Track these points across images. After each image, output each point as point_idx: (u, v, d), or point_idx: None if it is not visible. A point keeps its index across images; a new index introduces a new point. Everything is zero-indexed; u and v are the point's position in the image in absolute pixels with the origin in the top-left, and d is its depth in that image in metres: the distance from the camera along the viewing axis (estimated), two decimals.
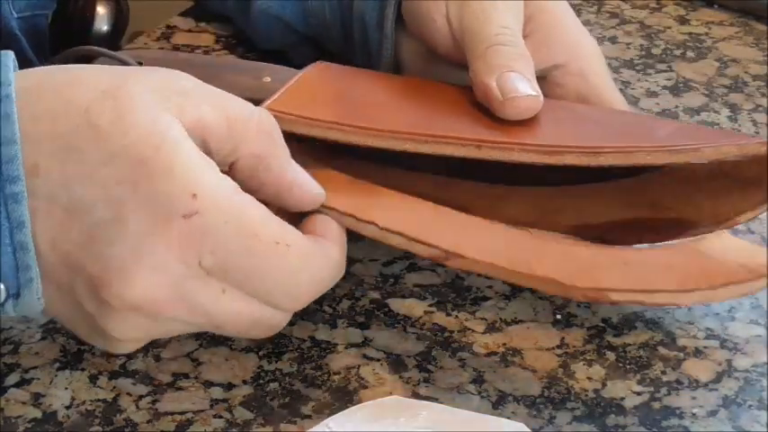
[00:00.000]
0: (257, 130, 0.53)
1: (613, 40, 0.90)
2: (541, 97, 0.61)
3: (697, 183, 0.61)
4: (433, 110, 0.63)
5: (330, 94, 0.63)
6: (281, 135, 0.55)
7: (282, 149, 0.55)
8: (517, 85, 0.61)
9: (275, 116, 0.56)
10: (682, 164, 0.59)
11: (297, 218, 0.56)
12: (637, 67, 0.86)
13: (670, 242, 0.61)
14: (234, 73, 0.65)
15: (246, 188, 0.52)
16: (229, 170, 0.53)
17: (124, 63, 0.66)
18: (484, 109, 0.62)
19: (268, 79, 0.66)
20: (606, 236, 0.62)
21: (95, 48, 0.74)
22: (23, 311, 0.51)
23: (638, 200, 0.62)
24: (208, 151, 0.52)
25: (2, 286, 0.50)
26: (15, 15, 0.85)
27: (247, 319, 0.53)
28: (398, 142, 0.59)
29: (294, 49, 0.81)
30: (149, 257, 0.50)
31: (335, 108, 0.61)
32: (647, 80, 0.85)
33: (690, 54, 0.88)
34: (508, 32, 0.64)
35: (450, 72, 0.67)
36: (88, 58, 0.68)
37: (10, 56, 0.51)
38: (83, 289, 0.51)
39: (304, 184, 0.55)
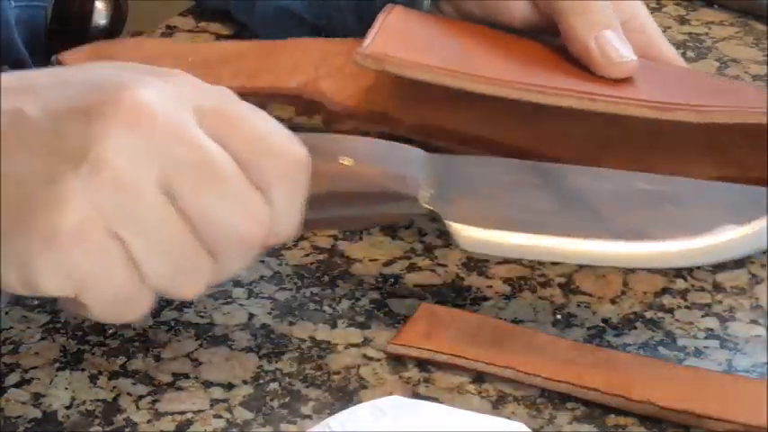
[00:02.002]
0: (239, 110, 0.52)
1: None
2: (636, 59, 0.65)
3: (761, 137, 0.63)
4: (531, 61, 0.66)
5: (423, 40, 0.64)
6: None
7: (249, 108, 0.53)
8: (619, 49, 0.65)
9: (381, 59, 0.60)
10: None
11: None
12: None
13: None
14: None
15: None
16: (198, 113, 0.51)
17: None
18: (578, 63, 0.64)
19: (347, 161, 0.57)
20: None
21: None
22: None
23: (724, 159, 0.64)
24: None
25: None
26: (13, 5, 0.85)
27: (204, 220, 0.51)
28: (517, 92, 0.62)
29: None
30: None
31: (439, 54, 0.63)
32: None
33: (690, 54, 0.88)
34: None
35: None
36: None
37: None
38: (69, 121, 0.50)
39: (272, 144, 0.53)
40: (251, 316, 0.61)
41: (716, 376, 0.58)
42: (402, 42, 0.64)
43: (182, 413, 0.56)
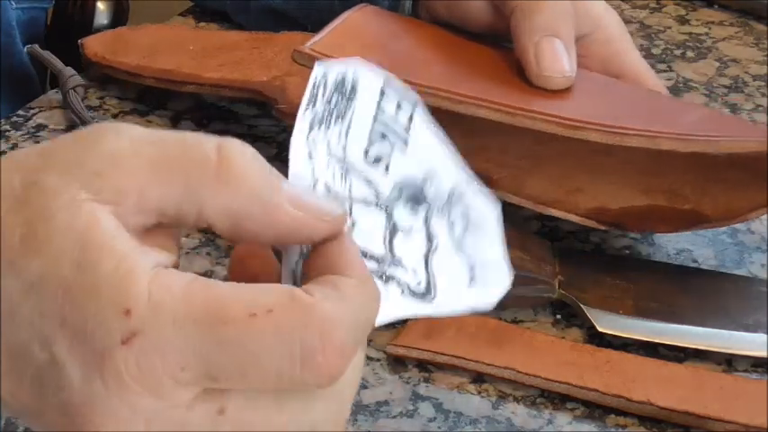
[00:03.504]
0: (218, 176, 0.39)
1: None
2: (574, 74, 0.63)
3: (716, 171, 0.61)
4: (474, 70, 0.64)
5: (373, 40, 0.63)
6: (262, 163, 0.40)
7: (264, 183, 0.40)
8: (557, 61, 0.63)
9: (313, 56, 0.57)
10: (706, 153, 0.59)
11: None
12: None
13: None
14: None
15: (240, 240, 0.42)
16: (210, 229, 0.41)
17: (62, 73, 0.65)
18: (518, 71, 0.63)
19: None
20: (622, 222, 0.63)
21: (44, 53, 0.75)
22: None
23: (657, 186, 0.62)
24: (171, 223, 0.40)
25: None
26: (14, 6, 0.85)
27: None
28: (435, 99, 0.60)
29: None
30: (108, 402, 0.39)
31: (378, 55, 0.62)
32: None
33: (690, 54, 0.88)
34: None
35: None
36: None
37: None
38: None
39: (310, 212, 0.41)
40: None
41: (716, 376, 0.58)
42: (353, 43, 0.63)
43: None
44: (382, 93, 0.43)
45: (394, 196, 0.43)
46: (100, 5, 0.95)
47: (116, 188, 0.39)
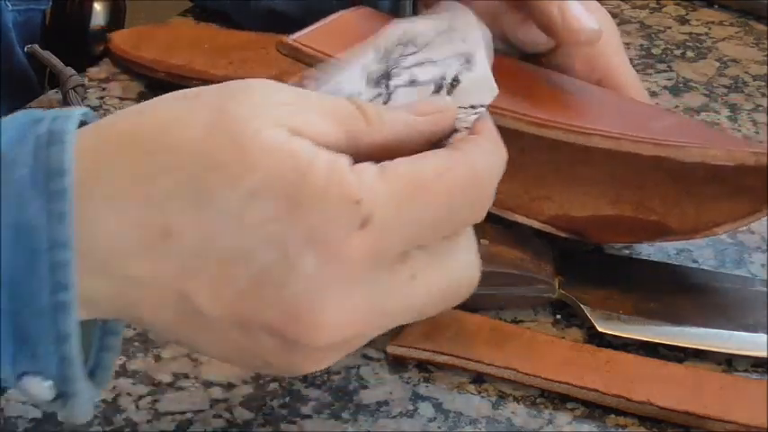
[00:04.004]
0: (369, 121, 0.47)
1: (620, 38, 0.90)
2: (601, 27, 0.64)
3: (690, 185, 0.60)
4: None
5: (360, 39, 0.63)
6: (374, 105, 0.49)
7: (392, 114, 0.48)
8: (581, 18, 0.63)
9: (296, 48, 0.58)
10: (674, 161, 0.58)
11: None
12: (637, 67, 0.86)
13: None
14: None
15: None
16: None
17: (63, 73, 0.66)
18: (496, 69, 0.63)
19: (486, 242, 0.60)
20: (582, 231, 0.62)
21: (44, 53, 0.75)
22: (72, 416, 0.46)
23: (626, 197, 0.62)
24: None
25: (49, 383, 0.45)
26: (10, 8, 0.85)
27: (439, 291, 0.48)
28: None
29: None
30: (334, 286, 0.44)
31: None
32: (647, 80, 0.84)
33: (690, 54, 0.88)
34: None
35: None
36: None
37: (71, 125, 0.44)
38: (262, 338, 0.45)
39: (433, 113, 0.49)
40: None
41: (716, 376, 0.58)
42: (339, 40, 0.62)
43: (182, 413, 0.55)
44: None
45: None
46: (97, 6, 0.95)
47: (297, 126, 0.44)
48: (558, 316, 0.62)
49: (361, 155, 0.45)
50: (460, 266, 0.49)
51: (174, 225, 0.43)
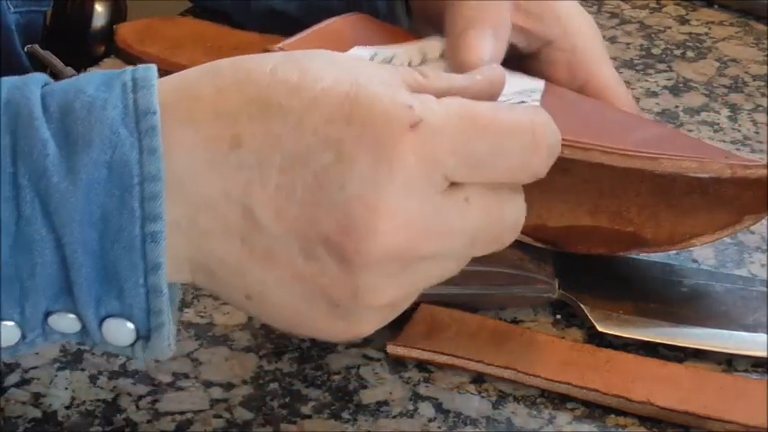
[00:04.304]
0: (426, 77, 0.49)
1: (613, 40, 0.90)
2: (498, 61, 0.61)
3: (670, 196, 0.60)
4: None
5: (349, 47, 0.63)
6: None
7: (442, 72, 0.52)
8: (473, 49, 0.61)
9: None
10: (651, 172, 0.58)
11: None
12: (637, 67, 0.86)
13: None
14: None
15: None
16: None
17: (63, 73, 0.66)
18: None
19: None
20: (559, 241, 0.62)
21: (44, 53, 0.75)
22: (152, 355, 0.47)
23: (605, 207, 0.61)
24: None
25: (131, 326, 0.46)
26: (12, 10, 0.85)
27: (498, 220, 0.49)
28: None
29: None
30: (389, 187, 0.45)
31: None
32: (647, 80, 0.85)
33: (690, 54, 0.88)
34: None
35: None
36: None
37: (155, 72, 0.47)
38: (321, 256, 0.46)
39: (484, 75, 0.52)
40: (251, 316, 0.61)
41: (716, 376, 0.58)
42: (327, 47, 0.63)
43: (182, 413, 0.56)
44: None
45: None
46: (98, 7, 0.95)
47: (362, 71, 0.48)
48: (558, 316, 0.62)
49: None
50: (510, 203, 0.50)
51: (243, 134, 0.46)
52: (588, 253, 0.62)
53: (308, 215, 0.46)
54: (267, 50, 0.63)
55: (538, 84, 0.59)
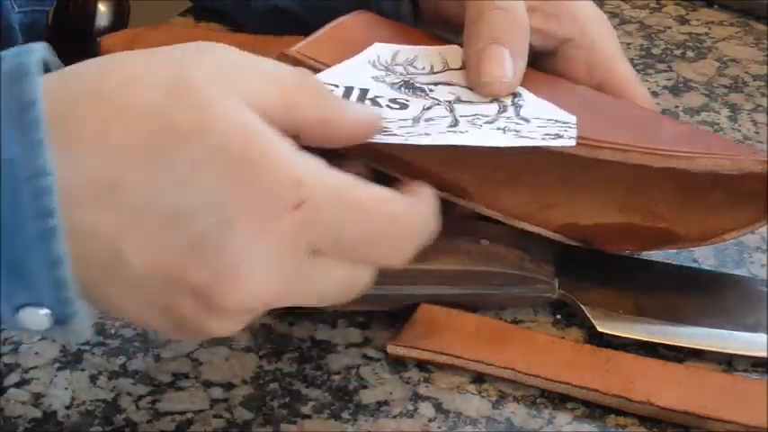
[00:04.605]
0: (310, 94, 0.50)
1: (617, 39, 0.90)
2: (515, 81, 0.62)
3: (696, 191, 0.60)
4: None
5: (362, 46, 0.63)
6: (316, 79, 0.52)
7: (331, 95, 0.52)
8: (494, 69, 0.61)
9: (298, 59, 0.59)
10: (680, 169, 0.59)
11: None
12: (637, 67, 0.86)
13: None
14: (448, 237, 0.60)
15: (321, 144, 0.51)
16: (298, 136, 0.50)
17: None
18: None
19: (486, 242, 0.61)
20: (592, 239, 0.62)
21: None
22: (71, 338, 0.49)
23: (634, 204, 0.62)
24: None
25: (46, 312, 0.46)
26: (17, 10, 0.86)
27: (345, 286, 0.51)
28: None
29: None
30: (262, 258, 0.47)
31: None
32: (647, 80, 0.84)
33: (690, 54, 0.88)
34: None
35: None
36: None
37: (34, 58, 0.46)
38: (184, 299, 0.47)
39: (362, 114, 0.53)
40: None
41: (716, 376, 0.58)
42: (340, 48, 0.63)
43: (182, 413, 0.56)
44: None
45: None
46: (101, 6, 0.95)
47: (248, 89, 0.47)
48: (558, 316, 0.62)
49: (300, 124, 0.49)
50: (364, 275, 0.51)
51: (123, 179, 0.45)
52: (622, 250, 0.63)
53: (180, 265, 0.46)
54: (283, 54, 0.62)
55: (571, 118, 0.59)
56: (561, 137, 0.57)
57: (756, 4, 0.93)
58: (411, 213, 0.51)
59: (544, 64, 0.67)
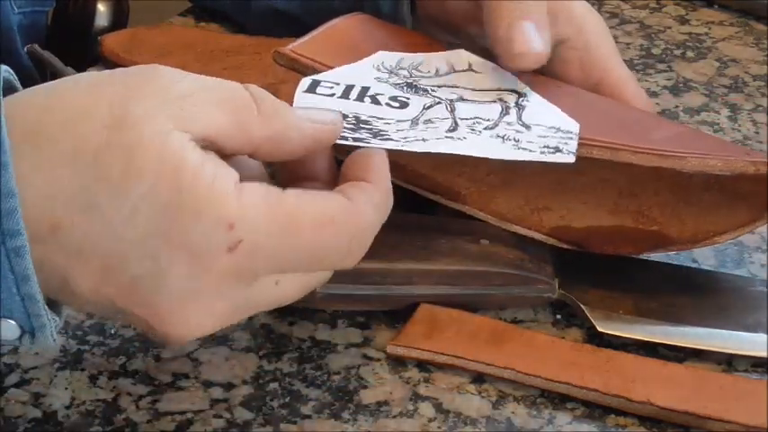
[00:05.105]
0: (261, 112, 0.50)
1: (613, 40, 0.90)
2: (546, 52, 0.63)
3: (689, 192, 0.60)
4: None
5: (357, 47, 0.63)
6: (269, 94, 0.52)
7: (284, 109, 0.51)
8: (525, 42, 0.62)
9: (295, 58, 0.59)
10: (671, 170, 0.58)
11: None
12: (637, 67, 0.86)
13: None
14: (448, 237, 0.62)
15: (277, 159, 0.52)
16: (253, 155, 0.51)
17: (63, 73, 0.66)
18: None
19: (486, 242, 0.61)
20: (584, 242, 0.62)
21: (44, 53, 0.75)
22: (40, 347, 0.51)
23: (626, 206, 0.62)
24: (222, 153, 0.49)
25: (14, 323, 0.48)
26: (16, 11, 0.86)
27: (302, 290, 0.52)
28: None
29: None
30: (200, 298, 0.48)
31: (352, 59, 0.62)
32: (647, 80, 0.84)
33: (690, 54, 0.88)
34: None
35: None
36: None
37: None
38: (137, 321, 0.50)
39: (318, 123, 0.52)
40: (251, 316, 0.61)
41: (716, 376, 0.58)
42: (335, 48, 0.63)
43: (182, 413, 0.56)
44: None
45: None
46: (100, 6, 0.95)
47: (192, 118, 0.48)
48: (558, 316, 0.62)
49: (252, 143, 0.50)
50: (319, 278, 0.53)
51: (62, 223, 0.47)
52: (615, 253, 0.63)
53: (123, 298, 0.48)
54: (278, 53, 0.63)
55: (573, 126, 0.59)
56: (560, 150, 0.57)
57: (756, 4, 0.93)
58: (353, 219, 0.51)
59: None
